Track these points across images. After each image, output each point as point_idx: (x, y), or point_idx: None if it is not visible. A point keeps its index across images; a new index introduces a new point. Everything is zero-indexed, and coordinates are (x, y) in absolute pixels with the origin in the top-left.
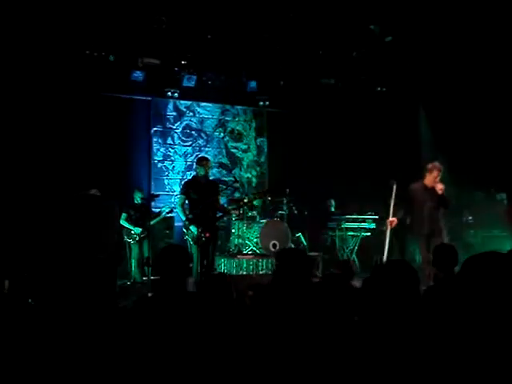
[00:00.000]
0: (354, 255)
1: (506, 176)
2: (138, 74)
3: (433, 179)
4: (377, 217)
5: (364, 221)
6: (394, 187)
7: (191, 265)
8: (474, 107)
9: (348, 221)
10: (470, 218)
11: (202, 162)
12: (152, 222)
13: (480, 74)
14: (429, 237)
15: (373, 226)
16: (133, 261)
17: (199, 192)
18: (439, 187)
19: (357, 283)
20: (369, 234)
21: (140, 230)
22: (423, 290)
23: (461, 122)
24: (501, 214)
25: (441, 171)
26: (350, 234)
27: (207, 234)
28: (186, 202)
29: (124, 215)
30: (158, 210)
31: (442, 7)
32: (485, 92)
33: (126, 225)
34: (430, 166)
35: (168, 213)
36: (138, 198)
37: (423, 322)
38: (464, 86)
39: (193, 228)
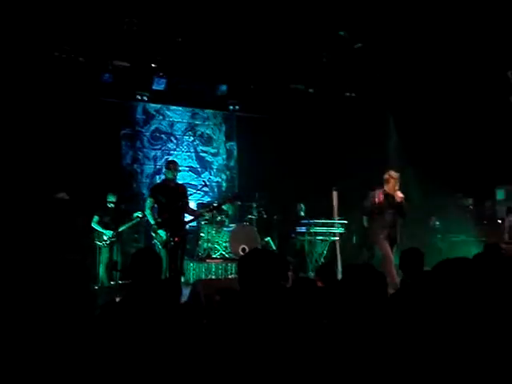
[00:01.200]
0: (322, 259)
1: (473, 182)
2: (108, 77)
3: (392, 187)
4: (346, 222)
5: (333, 225)
6: (335, 193)
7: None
8: (442, 113)
9: (317, 225)
10: (438, 223)
11: (170, 165)
12: (123, 227)
13: (448, 81)
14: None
15: (342, 230)
16: (101, 265)
17: (168, 196)
18: (399, 196)
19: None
20: (337, 238)
21: (111, 233)
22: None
23: (429, 127)
24: (468, 219)
25: (397, 179)
26: (319, 238)
27: (176, 239)
28: (155, 205)
29: (96, 218)
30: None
31: (410, 15)
32: (452, 99)
33: (98, 228)
34: (386, 175)
35: (140, 218)
36: (111, 201)
37: (391, 325)
38: (432, 92)
39: (161, 232)
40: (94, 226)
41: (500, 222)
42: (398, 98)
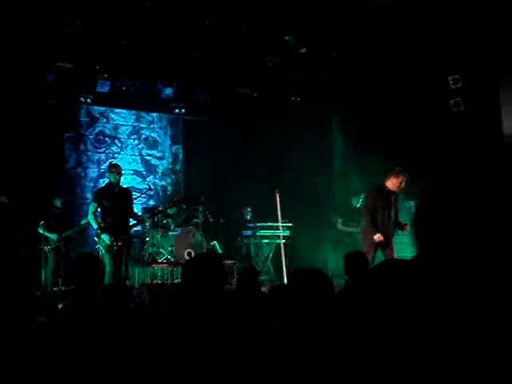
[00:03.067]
0: (268, 262)
1: (414, 184)
2: (51, 79)
3: (398, 184)
4: (291, 224)
5: (278, 228)
6: (277, 195)
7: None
8: (385, 118)
9: (263, 228)
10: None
11: (111, 169)
12: (69, 232)
13: (392, 87)
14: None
15: (287, 233)
16: (44, 270)
17: (112, 200)
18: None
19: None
20: (283, 241)
21: (57, 236)
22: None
23: (371, 132)
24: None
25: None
26: (265, 241)
27: (119, 243)
28: (98, 209)
29: (42, 222)
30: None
31: (354, 22)
32: (395, 104)
33: (44, 232)
34: (396, 171)
35: (87, 224)
36: (56, 205)
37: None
38: (376, 97)
39: (105, 236)
40: (40, 230)
41: None
42: (343, 102)
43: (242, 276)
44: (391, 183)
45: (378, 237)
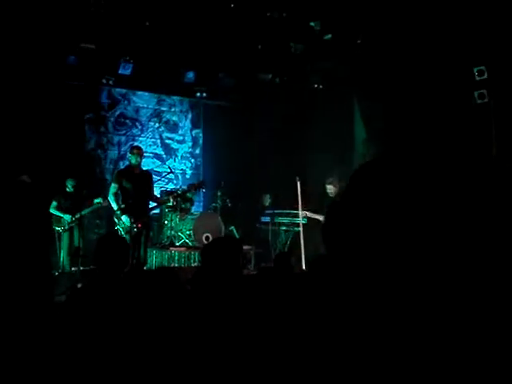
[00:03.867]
0: (286, 249)
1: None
2: (73, 59)
3: None
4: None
5: (296, 216)
6: (299, 184)
7: None
8: (408, 109)
9: (281, 215)
10: None
11: (133, 150)
12: (83, 212)
13: (416, 76)
14: None
15: (305, 221)
16: (62, 251)
17: (132, 182)
18: None
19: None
20: (301, 229)
21: (70, 217)
22: None
23: (395, 121)
24: None
25: None
26: (283, 228)
27: (139, 225)
28: (119, 191)
29: (54, 203)
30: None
31: (380, 10)
32: (419, 93)
33: (56, 213)
34: None
35: (101, 204)
36: (69, 186)
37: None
38: (400, 87)
39: (125, 218)
40: (52, 211)
41: None
42: (366, 91)
43: (277, 259)
44: None
45: None
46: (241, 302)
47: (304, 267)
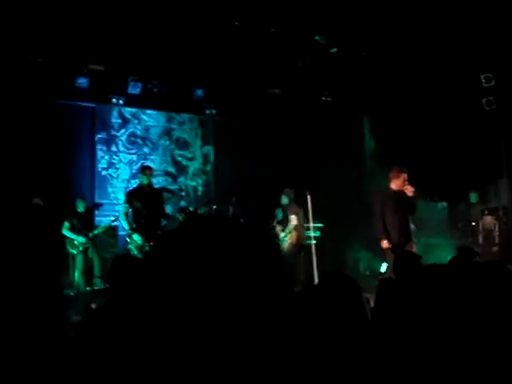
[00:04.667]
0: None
1: (447, 185)
2: (83, 81)
3: (402, 184)
4: (322, 225)
5: (309, 229)
6: (309, 197)
7: None
8: (417, 118)
9: None
10: (413, 226)
11: (145, 171)
12: (95, 232)
13: (422, 85)
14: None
15: (318, 234)
16: (76, 271)
17: (143, 201)
18: (410, 190)
19: None
20: (314, 242)
21: (83, 239)
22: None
23: (403, 131)
24: (443, 222)
25: (406, 174)
26: None
27: (151, 243)
28: (130, 210)
29: (66, 224)
30: (102, 219)
31: (385, 21)
32: (426, 102)
33: (69, 234)
34: (394, 172)
35: (113, 221)
36: (80, 207)
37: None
38: (407, 96)
39: (136, 237)
40: (65, 232)
41: (474, 224)
42: (374, 102)
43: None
44: (395, 184)
45: (385, 243)
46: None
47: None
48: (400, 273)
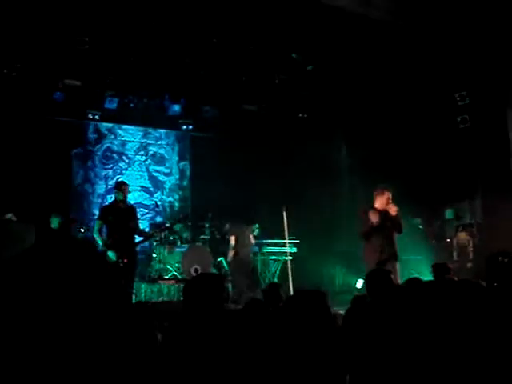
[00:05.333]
0: (275, 279)
1: (422, 201)
2: (59, 95)
3: (385, 202)
4: (298, 241)
5: (285, 245)
6: (284, 213)
7: None
8: (392, 135)
9: (270, 245)
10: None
11: (121, 186)
12: None
13: (397, 103)
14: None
15: (294, 250)
16: None
17: (118, 217)
18: (393, 209)
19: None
20: (290, 258)
21: None
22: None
23: (379, 148)
24: (417, 239)
25: (390, 193)
26: (272, 258)
27: (125, 260)
28: (104, 227)
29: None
30: (77, 234)
31: (361, 39)
32: (402, 121)
33: None
34: (378, 190)
35: (82, 232)
36: (55, 223)
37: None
38: (383, 114)
39: (110, 253)
40: None
41: (448, 240)
42: (350, 119)
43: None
44: (379, 203)
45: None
46: (223, 339)
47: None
48: (371, 289)
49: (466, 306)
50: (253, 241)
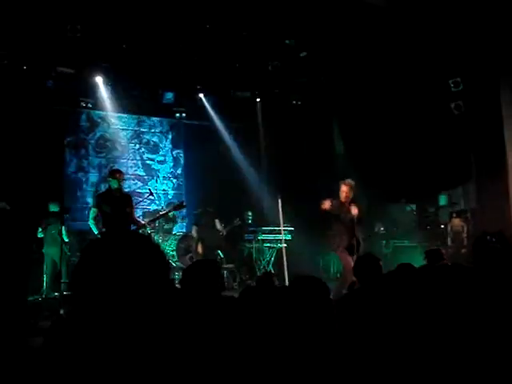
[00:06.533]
0: (270, 266)
1: (416, 188)
2: (51, 84)
3: (344, 196)
4: (292, 228)
5: (280, 232)
6: (279, 200)
7: None
8: (387, 121)
9: (264, 232)
10: (382, 228)
11: (115, 174)
12: (66, 238)
13: (391, 89)
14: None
15: (289, 237)
16: (45, 275)
17: (112, 205)
18: (354, 211)
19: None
20: (285, 245)
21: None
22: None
23: (373, 134)
24: (411, 225)
25: (348, 189)
26: (266, 245)
27: None
28: (99, 215)
29: (40, 228)
30: (71, 223)
31: (355, 25)
32: (396, 106)
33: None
34: (340, 183)
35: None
36: (53, 210)
37: (336, 330)
38: (376, 100)
39: None
40: (40, 235)
41: (443, 227)
42: (343, 105)
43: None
44: (341, 194)
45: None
46: (220, 325)
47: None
48: (359, 275)
49: (457, 290)
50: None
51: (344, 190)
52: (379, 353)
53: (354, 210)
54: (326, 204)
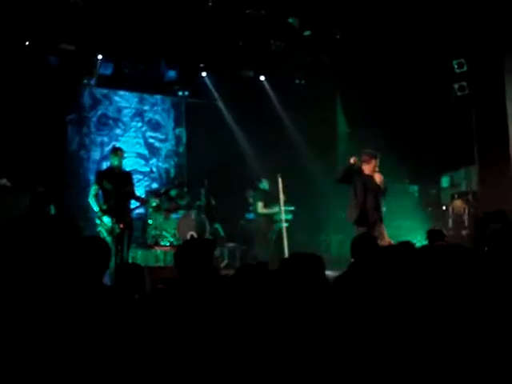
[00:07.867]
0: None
1: (419, 168)
2: (53, 60)
3: (372, 168)
4: (293, 208)
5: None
6: (280, 180)
7: None
8: (390, 101)
9: None
10: (384, 209)
11: (116, 152)
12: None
13: (394, 69)
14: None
15: (290, 217)
16: None
17: (114, 182)
18: (378, 177)
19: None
20: (286, 225)
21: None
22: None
23: (376, 115)
24: (413, 206)
25: (378, 160)
26: None
27: (121, 225)
28: (100, 192)
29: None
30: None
31: (358, 4)
32: (400, 88)
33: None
34: (365, 156)
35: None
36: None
37: (333, 308)
38: (380, 81)
39: (106, 219)
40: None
41: (444, 208)
42: (347, 85)
43: None
44: (366, 169)
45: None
46: (217, 303)
47: None
48: (357, 254)
49: (455, 270)
50: None
51: (374, 163)
52: (374, 331)
53: (380, 177)
54: (353, 159)
